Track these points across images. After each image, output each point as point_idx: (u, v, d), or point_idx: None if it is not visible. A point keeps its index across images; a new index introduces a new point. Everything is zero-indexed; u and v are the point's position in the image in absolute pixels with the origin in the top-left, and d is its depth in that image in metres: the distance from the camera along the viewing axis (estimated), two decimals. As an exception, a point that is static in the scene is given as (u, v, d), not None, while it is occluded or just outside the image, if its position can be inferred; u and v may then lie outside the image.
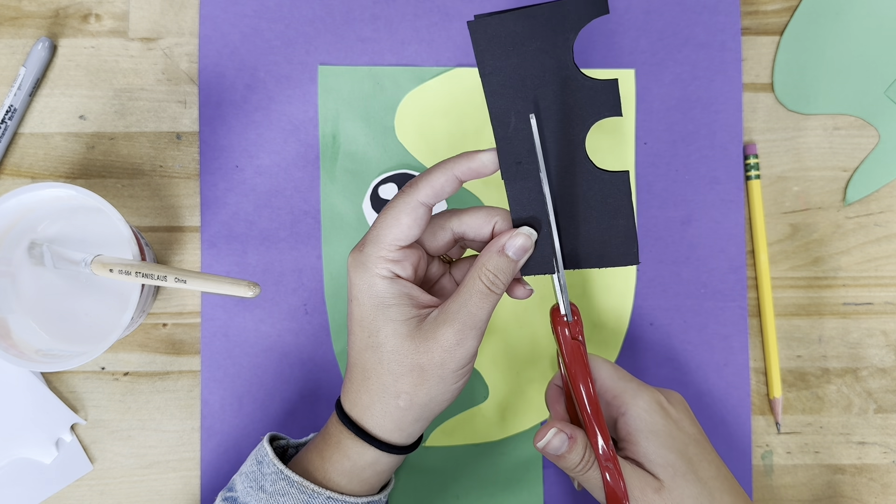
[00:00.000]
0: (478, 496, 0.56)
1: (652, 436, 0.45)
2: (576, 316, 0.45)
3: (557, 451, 0.45)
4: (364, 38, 0.58)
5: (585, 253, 0.44)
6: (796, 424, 0.57)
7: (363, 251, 0.44)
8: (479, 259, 0.44)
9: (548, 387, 0.50)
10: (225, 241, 0.57)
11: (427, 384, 0.43)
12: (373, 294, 0.44)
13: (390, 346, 0.43)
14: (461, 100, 0.57)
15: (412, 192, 0.43)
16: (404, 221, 0.43)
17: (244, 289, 0.46)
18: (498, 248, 0.43)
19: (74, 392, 0.56)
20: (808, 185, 0.58)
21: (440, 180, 0.43)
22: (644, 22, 0.58)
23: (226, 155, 0.57)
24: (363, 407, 0.45)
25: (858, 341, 0.58)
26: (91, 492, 0.55)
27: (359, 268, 0.44)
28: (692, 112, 0.58)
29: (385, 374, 0.44)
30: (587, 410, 0.45)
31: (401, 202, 0.44)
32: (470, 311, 0.43)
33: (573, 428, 0.45)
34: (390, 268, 0.44)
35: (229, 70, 0.57)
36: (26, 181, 0.56)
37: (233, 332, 0.56)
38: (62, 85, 0.57)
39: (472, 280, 0.43)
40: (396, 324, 0.43)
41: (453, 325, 0.43)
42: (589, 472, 0.45)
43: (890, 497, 0.57)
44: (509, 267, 0.43)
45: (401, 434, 0.45)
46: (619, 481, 0.44)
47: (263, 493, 0.46)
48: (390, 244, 0.43)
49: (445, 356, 0.43)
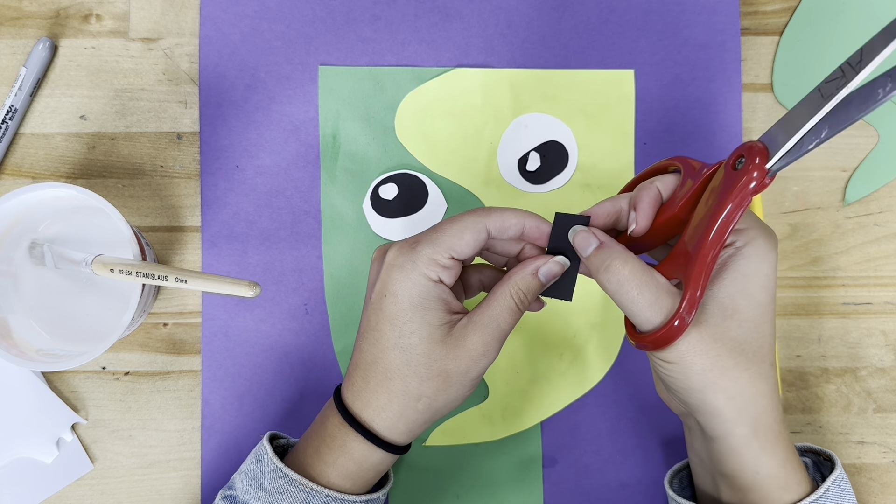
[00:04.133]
0: (478, 496, 0.56)
1: (744, 280, 0.43)
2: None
3: (584, 253, 0.44)
4: (364, 39, 0.58)
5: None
6: (796, 424, 0.57)
7: (416, 249, 0.44)
8: (511, 276, 0.44)
9: (642, 185, 0.46)
10: (225, 240, 0.57)
11: (449, 390, 0.44)
12: (416, 294, 0.43)
13: (422, 349, 0.43)
14: (461, 100, 0.57)
15: (483, 216, 0.44)
16: (467, 237, 0.44)
17: (245, 289, 0.46)
18: (532, 271, 0.44)
19: (75, 392, 0.56)
20: (807, 185, 0.58)
21: (511, 221, 0.44)
22: (643, 22, 0.58)
23: (226, 155, 0.57)
24: (378, 408, 0.45)
25: (858, 341, 0.58)
26: (92, 491, 0.55)
27: (406, 265, 0.44)
28: (692, 112, 0.58)
29: (411, 376, 0.44)
30: (710, 243, 0.41)
31: (469, 219, 0.44)
32: (498, 324, 0.44)
33: (609, 238, 0.44)
34: (439, 273, 0.44)
35: (230, 70, 0.57)
36: (27, 181, 0.56)
37: (233, 331, 0.56)
38: (63, 85, 0.57)
39: (503, 295, 0.44)
40: (432, 327, 0.43)
41: (483, 335, 0.43)
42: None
43: (890, 497, 0.57)
44: (538, 289, 0.45)
45: (409, 436, 0.45)
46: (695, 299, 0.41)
47: (262, 492, 0.46)
48: (447, 250, 0.43)
49: (471, 364, 0.43)
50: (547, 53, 0.58)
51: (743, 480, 0.44)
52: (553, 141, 0.57)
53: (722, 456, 0.44)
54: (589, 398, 0.57)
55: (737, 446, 0.43)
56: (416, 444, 0.56)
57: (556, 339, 0.57)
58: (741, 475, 0.44)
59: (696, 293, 0.40)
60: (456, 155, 0.57)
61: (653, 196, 0.44)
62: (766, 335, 0.43)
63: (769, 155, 0.39)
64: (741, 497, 0.45)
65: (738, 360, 0.42)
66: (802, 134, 0.38)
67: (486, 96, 0.57)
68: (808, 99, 0.37)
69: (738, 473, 0.44)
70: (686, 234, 0.42)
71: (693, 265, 0.40)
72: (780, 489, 0.44)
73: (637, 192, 0.45)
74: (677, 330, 0.40)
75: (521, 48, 0.58)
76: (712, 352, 0.41)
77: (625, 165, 0.58)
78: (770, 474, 0.44)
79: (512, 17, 0.58)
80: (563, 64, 0.58)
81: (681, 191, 0.43)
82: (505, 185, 0.57)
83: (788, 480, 0.44)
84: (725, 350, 0.42)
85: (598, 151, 0.58)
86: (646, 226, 0.44)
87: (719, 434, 0.43)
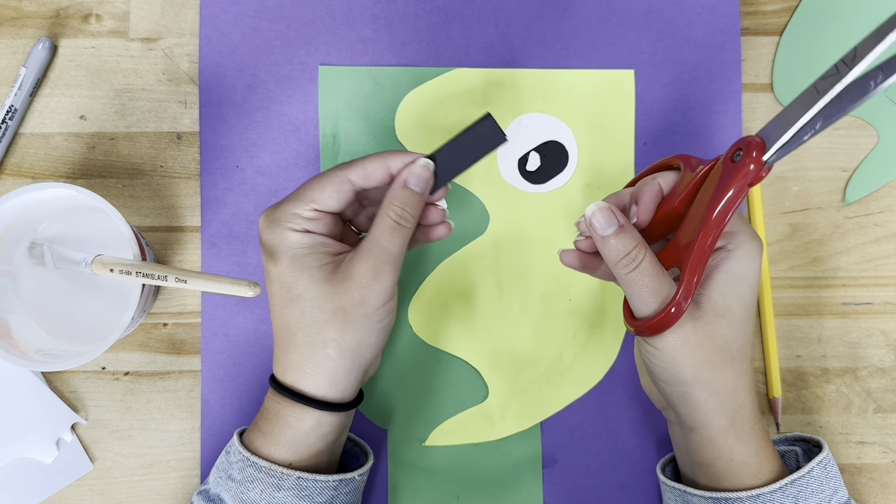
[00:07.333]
0: (478, 496, 0.56)
1: (735, 282, 0.44)
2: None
3: (603, 232, 0.44)
4: (364, 39, 0.58)
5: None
6: (796, 424, 0.57)
7: (278, 208, 0.45)
8: (385, 197, 0.45)
9: (644, 180, 0.47)
10: (225, 240, 0.57)
11: (352, 326, 0.44)
12: (286, 247, 0.44)
13: (310, 294, 0.44)
14: (461, 100, 0.57)
15: (345, 168, 0.45)
16: (328, 190, 0.45)
17: (244, 288, 0.46)
18: (401, 184, 0.45)
19: (75, 392, 0.56)
20: (807, 185, 0.58)
21: (373, 166, 0.45)
22: (643, 22, 0.58)
23: (226, 155, 0.57)
24: (295, 368, 0.45)
25: (858, 341, 0.58)
26: (91, 491, 0.55)
27: (271, 224, 0.45)
28: (692, 112, 0.58)
29: (310, 324, 0.44)
30: (709, 231, 0.42)
31: (331, 173, 0.45)
32: (382, 246, 0.44)
33: (628, 221, 0.44)
34: (304, 225, 0.44)
35: (230, 70, 0.57)
36: (27, 181, 0.56)
37: (233, 331, 0.56)
38: (63, 85, 0.57)
39: (380, 217, 0.45)
40: (313, 270, 0.44)
41: (367, 261, 0.44)
42: (633, 272, 0.43)
43: (890, 497, 0.57)
44: (414, 199, 0.45)
45: (336, 388, 0.45)
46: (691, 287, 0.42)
47: (233, 482, 0.46)
48: (308, 202, 0.44)
49: (364, 293, 0.44)
50: (547, 53, 0.58)
51: (718, 468, 0.46)
52: (553, 141, 0.57)
53: (699, 446, 0.46)
54: (589, 398, 0.57)
55: (714, 436, 0.45)
56: (416, 444, 0.56)
57: (555, 340, 0.57)
58: (717, 464, 0.46)
59: (692, 280, 0.42)
60: (456, 155, 0.57)
61: (654, 191, 0.46)
62: (748, 334, 0.45)
63: (766, 148, 0.40)
64: (717, 485, 0.46)
65: (724, 356, 0.44)
66: (798, 127, 0.39)
67: (485, 96, 0.57)
68: (803, 95, 0.39)
69: (714, 462, 0.46)
70: (683, 227, 0.43)
71: (691, 253, 0.42)
72: (753, 476, 0.46)
73: (639, 186, 0.46)
74: (674, 316, 0.42)
75: (521, 48, 0.58)
76: (704, 347, 0.43)
77: (625, 165, 0.58)
78: (744, 462, 0.45)
79: (512, 17, 0.58)
80: (563, 64, 0.58)
81: (680, 185, 0.45)
82: (505, 185, 0.57)
83: (762, 468, 0.46)
84: (715, 347, 0.43)
85: (598, 151, 0.58)
86: (646, 219, 0.45)
87: (698, 424, 0.45)
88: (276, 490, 0.45)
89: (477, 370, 0.57)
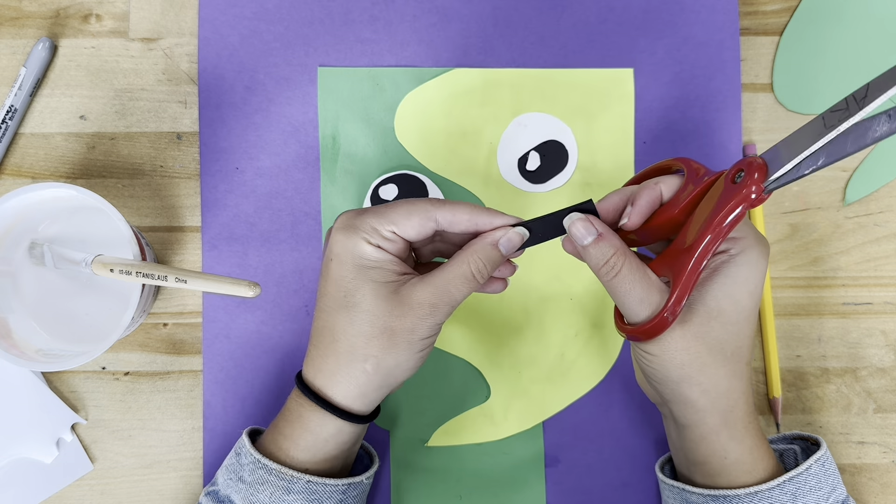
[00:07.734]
0: (480, 496, 0.56)
1: (732, 286, 0.44)
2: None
3: (582, 241, 0.44)
4: (363, 40, 0.58)
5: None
6: (796, 424, 0.57)
7: (361, 216, 0.45)
8: (471, 245, 0.45)
9: (646, 183, 0.47)
10: (226, 242, 0.57)
11: (396, 349, 0.44)
12: (357, 254, 0.44)
13: (366, 306, 0.44)
14: (461, 100, 0.57)
15: (435, 206, 0.45)
16: (413, 220, 0.44)
17: (245, 289, 0.46)
18: (492, 241, 0.45)
19: (75, 392, 0.56)
20: (807, 186, 0.58)
21: (462, 216, 0.45)
22: (643, 21, 0.58)
23: (226, 157, 0.57)
24: (328, 373, 0.45)
25: (858, 341, 0.58)
26: (91, 491, 0.55)
27: (349, 229, 0.45)
28: (691, 112, 0.58)
29: (356, 335, 0.44)
30: (707, 241, 0.42)
31: (421, 205, 0.45)
32: (449, 289, 0.44)
33: (607, 230, 0.44)
34: (380, 242, 0.44)
35: (229, 73, 0.57)
36: (27, 181, 0.56)
37: (234, 333, 0.56)
38: (63, 85, 0.57)
39: (459, 263, 0.45)
40: (377, 284, 0.44)
41: (431, 296, 0.44)
42: (615, 278, 0.44)
43: (890, 497, 0.57)
44: (497, 260, 0.45)
45: (363, 401, 0.45)
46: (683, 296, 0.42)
47: (243, 484, 0.46)
48: (390, 224, 0.44)
49: (417, 322, 0.44)
50: (546, 53, 0.58)
51: (713, 466, 0.46)
52: (553, 140, 0.58)
53: (693, 444, 0.46)
54: (591, 398, 0.57)
55: (706, 433, 0.45)
56: (419, 445, 0.56)
57: (557, 339, 0.57)
58: (711, 461, 0.46)
59: (682, 294, 0.43)
60: (456, 155, 0.57)
61: (653, 197, 0.46)
62: (746, 338, 0.45)
63: (768, 172, 0.41)
64: (712, 483, 0.47)
65: (716, 357, 0.44)
66: (801, 158, 0.40)
67: (485, 96, 0.57)
68: (811, 125, 0.39)
69: (708, 460, 0.46)
70: (681, 236, 0.44)
71: (682, 269, 0.43)
72: (747, 474, 0.46)
73: (639, 189, 0.46)
74: (660, 326, 0.43)
75: (521, 48, 0.58)
76: (693, 349, 0.44)
77: (625, 164, 0.58)
78: (738, 460, 0.46)
79: (511, 17, 0.58)
80: (563, 63, 0.58)
81: (682, 194, 0.45)
82: (505, 184, 0.57)
83: (756, 466, 0.46)
84: (705, 348, 0.44)
85: (597, 151, 0.58)
86: (637, 223, 0.46)
87: (690, 422, 0.46)
88: (285, 493, 0.45)
89: (479, 370, 0.57)
